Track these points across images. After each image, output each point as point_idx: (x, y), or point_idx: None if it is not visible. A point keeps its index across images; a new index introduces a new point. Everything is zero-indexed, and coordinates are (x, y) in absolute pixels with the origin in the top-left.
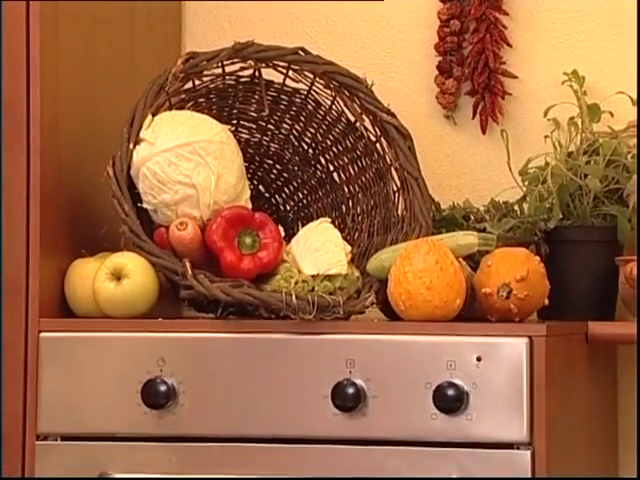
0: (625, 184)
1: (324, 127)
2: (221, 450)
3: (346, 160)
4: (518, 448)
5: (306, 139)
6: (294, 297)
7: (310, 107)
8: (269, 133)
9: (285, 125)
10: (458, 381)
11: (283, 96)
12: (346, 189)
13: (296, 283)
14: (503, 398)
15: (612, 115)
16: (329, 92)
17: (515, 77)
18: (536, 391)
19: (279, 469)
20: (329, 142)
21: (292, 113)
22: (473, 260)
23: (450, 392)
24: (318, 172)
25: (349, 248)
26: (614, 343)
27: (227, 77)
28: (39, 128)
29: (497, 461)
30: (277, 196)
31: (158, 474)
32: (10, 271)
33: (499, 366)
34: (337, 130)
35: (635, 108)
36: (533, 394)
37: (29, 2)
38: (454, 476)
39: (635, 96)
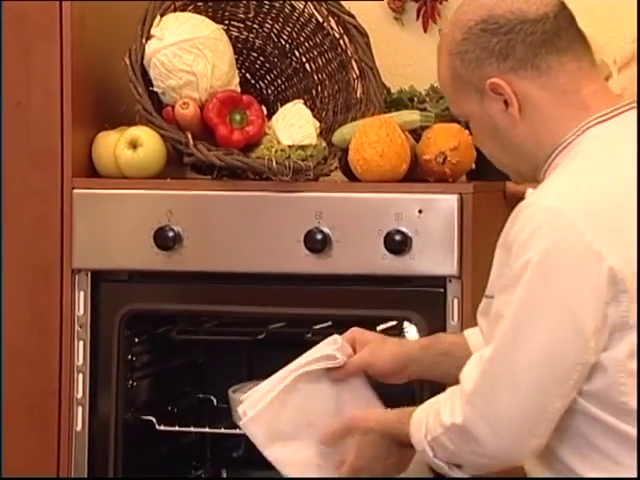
0: None
1: (298, 26)
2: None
3: (315, 53)
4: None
5: (284, 36)
6: (274, 162)
7: (287, 10)
8: (254, 31)
9: (267, 25)
10: (404, 229)
11: (265, 1)
12: (315, 77)
13: (276, 152)
14: (439, 242)
15: None
16: None
17: None
18: (465, 236)
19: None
20: (302, 39)
21: (273, 15)
22: (416, 133)
23: (397, 237)
24: (293, 63)
25: (318, 124)
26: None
27: None
28: (69, 23)
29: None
30: (260, 82)
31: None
32: (49, 140)
33: (436, 217)
34: (308, 29)
35: None
36: (462, 239)
37: None
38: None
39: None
